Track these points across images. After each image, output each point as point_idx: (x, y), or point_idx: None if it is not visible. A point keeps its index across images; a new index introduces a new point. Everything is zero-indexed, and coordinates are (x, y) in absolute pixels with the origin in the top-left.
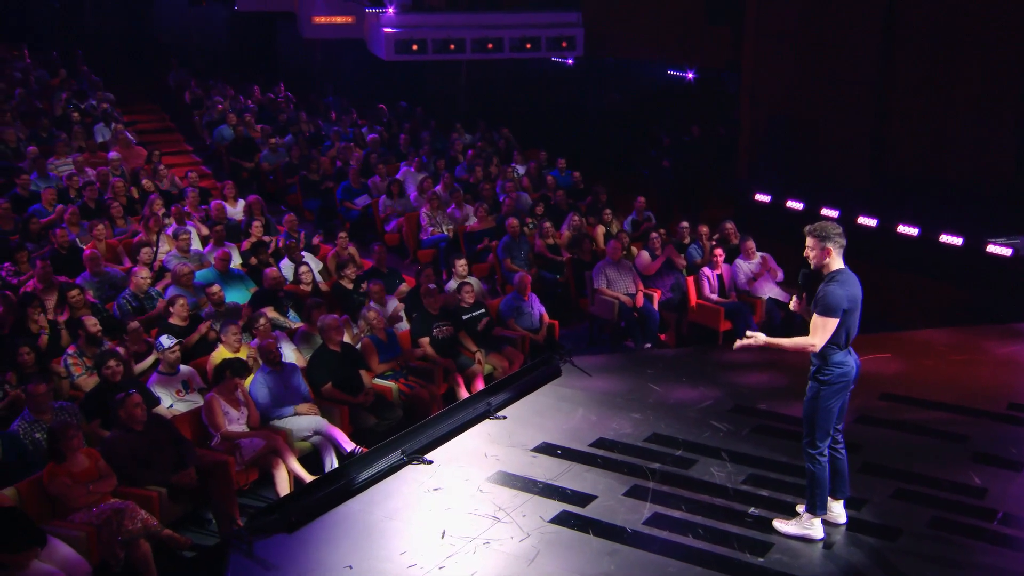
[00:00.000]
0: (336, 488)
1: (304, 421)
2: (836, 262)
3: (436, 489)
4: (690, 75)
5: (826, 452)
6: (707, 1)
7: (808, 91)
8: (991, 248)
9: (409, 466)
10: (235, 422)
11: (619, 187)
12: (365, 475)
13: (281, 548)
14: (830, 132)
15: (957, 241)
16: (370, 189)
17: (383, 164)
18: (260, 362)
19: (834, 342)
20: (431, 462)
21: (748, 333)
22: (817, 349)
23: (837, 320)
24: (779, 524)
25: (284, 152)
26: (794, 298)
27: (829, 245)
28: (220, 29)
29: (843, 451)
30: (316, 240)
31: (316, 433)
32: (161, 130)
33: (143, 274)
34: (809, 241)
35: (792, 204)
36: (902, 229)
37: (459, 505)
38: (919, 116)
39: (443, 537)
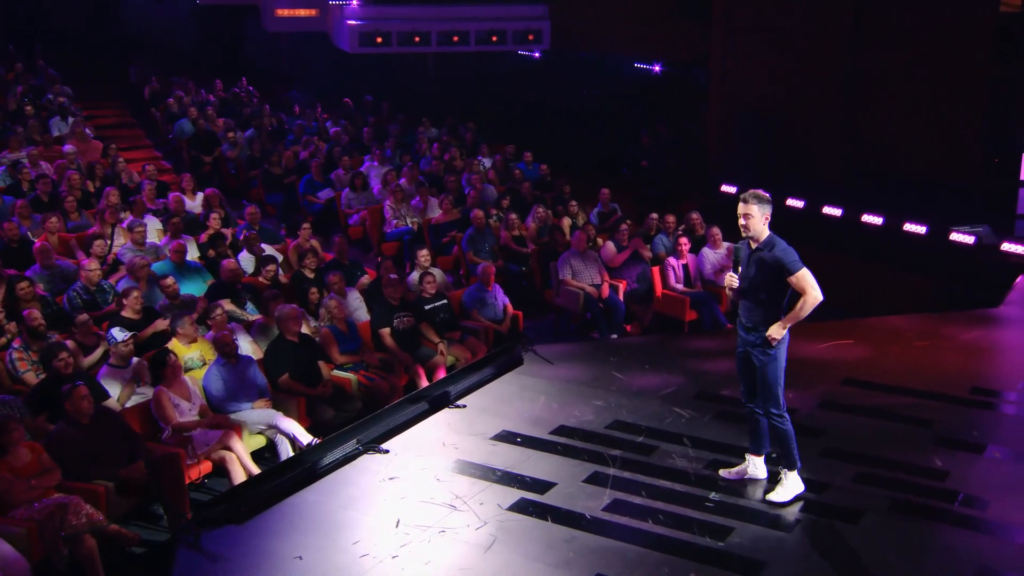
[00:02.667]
0: (288, 478)
1: (257, 414)
2: (767, 229)
3: (392, 478)
4: (656, 68)
5: (786, 411)
6: None
7: (777, 84)
8: (954, 236)
9: (365, 456)
10: (187, 414)
11: (591, 182)
12: (319, 465)
13: (230, 540)
14: (799, 125)
15: (921, 230)
16: (333, 183)
17: (347, 157)
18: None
19: (781, 305)
20: (387, 451)
21: (770, 335)
22: (820, 298)
23: (806, 268)
24: (773, 497)
25: (246, 146)
26: (729, 275)
27: (768, 211)
28: (186, 24)
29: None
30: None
31: (270, 427)
32: (121, 125)
33: (92, 266)
34: (751, 209)
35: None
36: (867, 218)
37: (415, 494)
38: (888, 109)
39: (397, 526)
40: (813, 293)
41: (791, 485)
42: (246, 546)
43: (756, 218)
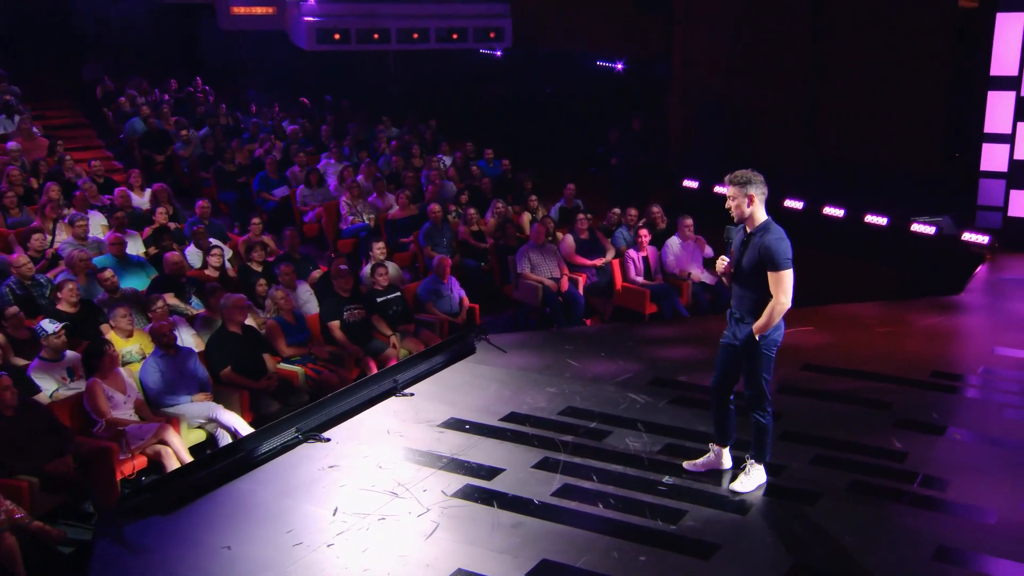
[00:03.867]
0: (221, 467)
1: (197, 408)
2: (761, 212)
3: (332, 467)
4: (619, 65)
5: (770, 406)
6: None
7: (739, 78)
8: (915, 227)
9: (304, 444)
10: (121, 406)
11: (558, 180)
12: (254, 453)
13: (155, 531)
14: (761, 119)
15: (882, 221)
16: (288, 180)
17: (303, 154)
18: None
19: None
20: (328, 440)
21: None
22: (788, 305)
23: (792, 270)
24: (736, 486)
25: (199, 144)
26: (721, 259)
27: (752, 191)
28: (142, 23)
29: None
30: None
31: (210, 420)
32: (73, 125)
33: (20, 261)
34: (730, 191)
35: (720, 189)
36: (828, 211)
37: (356, 482)
38: (849, 102)
39: (335, 514)
40: (783, 299)
41: (756, 476)
42: (171, 537)
43: (739, 200)
